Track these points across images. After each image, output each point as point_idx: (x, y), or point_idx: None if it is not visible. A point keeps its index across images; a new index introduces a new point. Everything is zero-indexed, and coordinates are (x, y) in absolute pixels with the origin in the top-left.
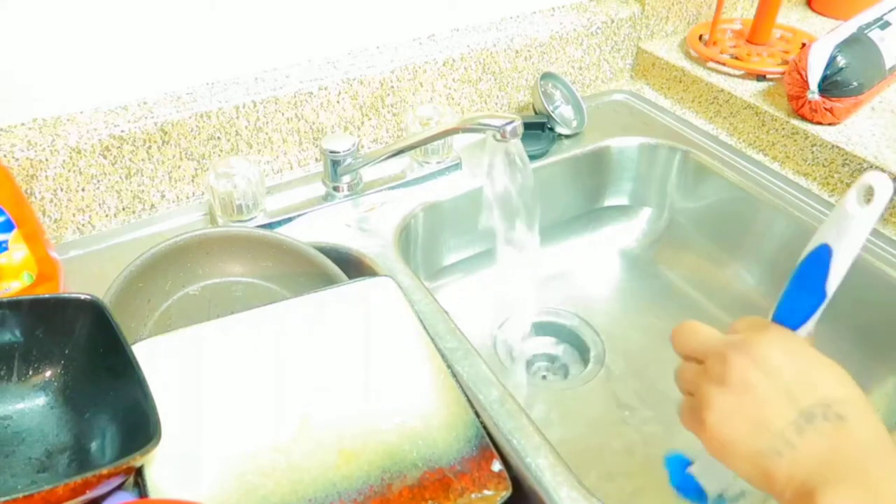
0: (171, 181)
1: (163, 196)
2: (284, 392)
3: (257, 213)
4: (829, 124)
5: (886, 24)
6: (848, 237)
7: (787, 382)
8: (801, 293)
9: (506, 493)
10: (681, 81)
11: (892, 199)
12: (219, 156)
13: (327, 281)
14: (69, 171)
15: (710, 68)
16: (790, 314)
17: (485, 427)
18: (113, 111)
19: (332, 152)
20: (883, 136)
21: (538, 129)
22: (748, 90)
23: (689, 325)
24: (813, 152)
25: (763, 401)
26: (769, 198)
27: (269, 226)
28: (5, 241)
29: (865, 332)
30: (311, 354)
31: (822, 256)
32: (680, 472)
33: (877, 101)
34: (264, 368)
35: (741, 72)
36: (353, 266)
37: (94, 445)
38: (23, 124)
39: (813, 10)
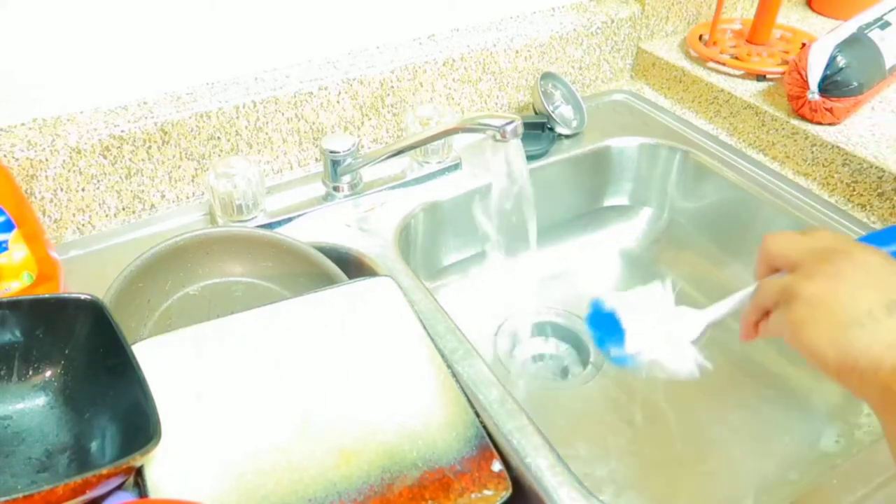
0: (171, 181)
1: (163, 196)
2: (284, 392)
3: (257, 213)
4: (829, 124)
5: (886, 24)
6: None
7: (882, 277)
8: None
9: (506, 494)
10: (681, 81)
11: None
12: (219, 156)
13: (327, 281)
14: (69, 171)
15: (710, 68)
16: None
17: (485, 427)
18: (113, 111)
19: (332, 152)
20: (883, 136)
21: (538, 129)
22: (748, 90)
23: (785, 235)
24: (813, 152)
25: (855, 286)
26: (769, 198)
27: (269, 226)
28: (5, 241)
29: None
30: (311, 354)
31: None
32: (603, 314)
33: (877, 101)
34: (264, 368)
35: (741, 72)
36: (353, 266)
37: (94, 445)
38: (23, 124)
39: (813, 10)
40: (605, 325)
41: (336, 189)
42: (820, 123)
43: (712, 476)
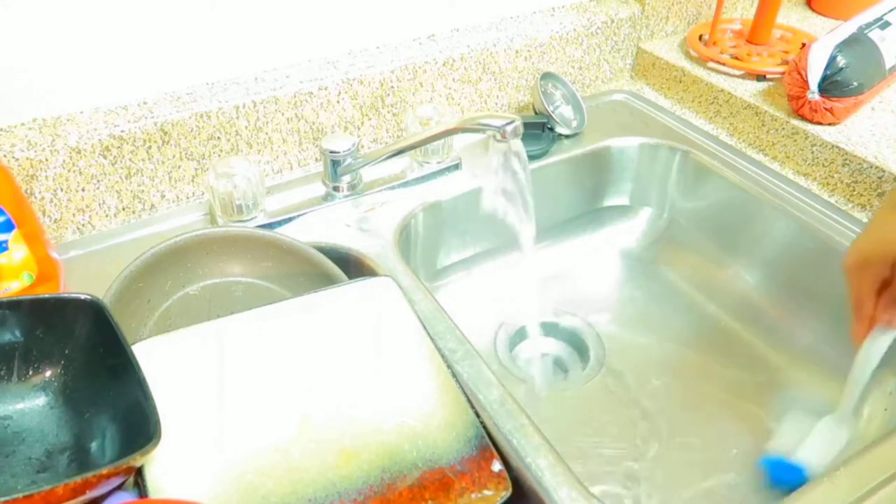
0: (171, 181)
1: (163, 196)
2: (284, 392)
3: (257, 213)
4: (829, 124)
5: (886, 24)
6: None
7: None
8: None
9: (506, 493)
10: (681, 81)
11: None
12: (219, 156)
13: (327, 281)
14: (69, 171)
15: (710, 68)
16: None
17: (485, 427)
18: (113, 111)
19: (332, 152)
20: (883, 136)
21: (538, 129)
22: (748, 90)
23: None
24: (813, 152)
25: None
26: (769, 198)
27: (269, 226)
28: (5, 241)
29: None
30: (311, 354)
31: None
32: (788, 470)
33: (877, 101)
34: (264, 368)
35: (741, 72)
36: (353, 266)
37: (94, 445)
38: (23, 124)
39: (813, 10)
40: (786, 475)
41: (336, 189)
42: (820, 123)
43: (710, 474)
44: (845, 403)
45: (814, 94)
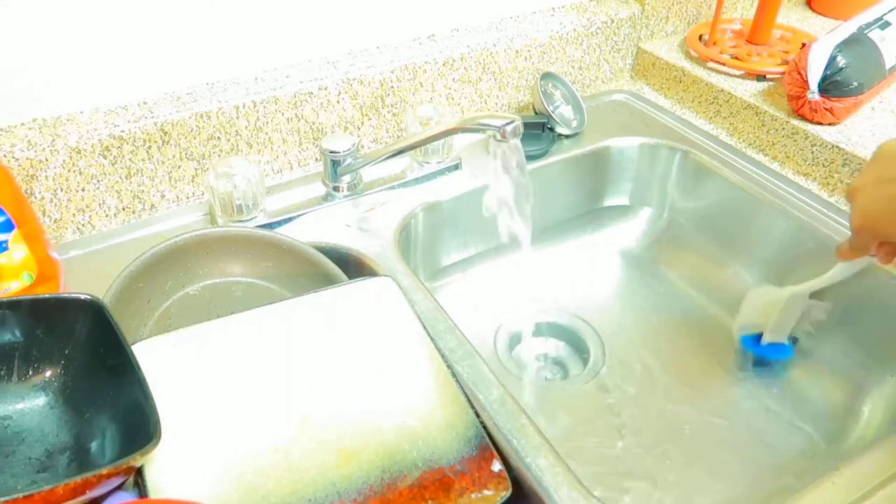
0: (171, 181)
1: (163, 196)
2: (284, 392)
3: (257, 213)
4: (829, 124)
5: (886, 24)
6: None
7: None
8: None
9: (506, 493)
10: (681, 81)
11: None
12: (219, 156)
13: (327, 281)
14: (69, 171)
15: (710, 68)
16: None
17: (485, 427)
18: (113, 111)
19: (332, 152)
20: (883, 136)
21: (538, 129)
22: (748, 90)
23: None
24: (813, 152)
25: None
26: (769, 198)
27: (269, 226)
28: (5, 241)
29: (866, 333)
30: (311, 354)
31: None
32: (758, 346)
33: (877, 101)
34: (264, 368)
35: (741, 72)
36: (353, 266)
37: (94, 445)
38: (23, 124)
39: (813, 10)
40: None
41: (336, 189)
42: (820, 123)
43: (710, 475)
44: (808, 286)
45: (814, 94)
